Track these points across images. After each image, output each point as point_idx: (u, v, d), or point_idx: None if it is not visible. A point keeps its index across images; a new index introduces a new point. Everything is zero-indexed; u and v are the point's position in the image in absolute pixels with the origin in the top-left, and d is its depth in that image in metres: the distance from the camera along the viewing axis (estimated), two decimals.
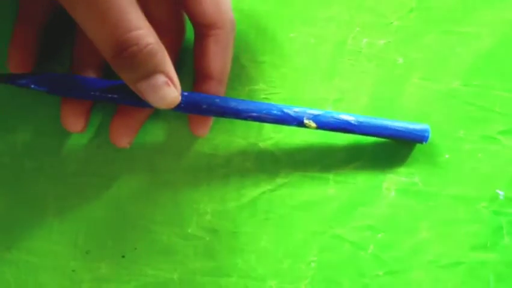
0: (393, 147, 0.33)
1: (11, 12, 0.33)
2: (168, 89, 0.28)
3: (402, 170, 0.33)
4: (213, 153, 0.33)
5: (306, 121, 0.31)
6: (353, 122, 0.31)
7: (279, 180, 0.33)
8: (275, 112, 0.31)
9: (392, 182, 0.33)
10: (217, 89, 0.32)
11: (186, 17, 0.32)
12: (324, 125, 0.31)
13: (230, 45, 0.32)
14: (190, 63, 0.33)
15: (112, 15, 0.25)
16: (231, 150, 0.33)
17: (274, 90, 0.34)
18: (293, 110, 0.31)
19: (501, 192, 0.33)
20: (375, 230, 0.33)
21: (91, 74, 0.31)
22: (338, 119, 0.31)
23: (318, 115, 0.31)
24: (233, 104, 0.31)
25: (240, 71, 0.34)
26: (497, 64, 0.34)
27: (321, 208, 0.33)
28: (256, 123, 0.33)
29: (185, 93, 0.30)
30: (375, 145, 0.33)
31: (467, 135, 0.33)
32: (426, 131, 0.32)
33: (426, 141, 0.32)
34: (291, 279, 0.33)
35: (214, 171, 0.33)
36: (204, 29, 0.31)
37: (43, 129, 0.33)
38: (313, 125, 0.31)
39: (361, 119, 0.31)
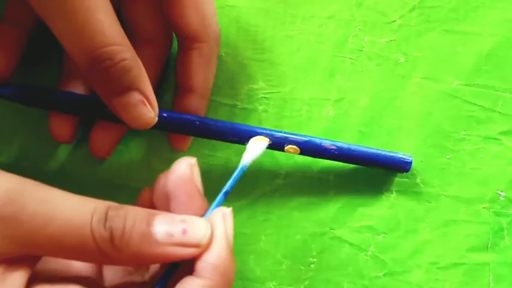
0: (394, 148, 0.33)
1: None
2: (144, 108, 0.27)
3: None
4: (212, 153, 0.33)
5: (287, 147, 0.30)
6: (334, 150, 0.31)
7: (279, 181, 0.33)
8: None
9: (393, 183, 0.33)
10: (198, 102, 0.31)
11: None
12: (306, 151, 0.31)
13: (213, 59, 0.32)
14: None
15: (88, 28, 0.25)
16: (230, 151, 0.33)
17: (274, 89, 0.33)
18: (275, 136, 0.30)
19: (502, 193, 0.33)
20: (375, 231, 0.33)
21: (79, 85, 0.31)
22: (320, 146, 0.31)
23: (300, 141, 0.31)
24: (213, 128, 0.30)
25: (239, 70, 0.34)
26: (499, 64, 0.33)
27: (321, 209, 0.33)
28: (256, 124, 0.33)
29: (165, 114, 0.30)
30: (375, 146, 0.33)
31: (469, 135, 0.33)
32: (409, 162, 0.31)
33: (408, 170, 0.32)
34: (290, 280, 0.32)
35: (213, 172, 0.33)
36: (187, 41, 0.31)
37: (40, 131, 0.33)
38: (296, 149, 0.31)
39: (344, 147, 0.31)
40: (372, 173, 0.33)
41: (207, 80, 0.32)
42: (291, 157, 0.33)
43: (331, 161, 0.33)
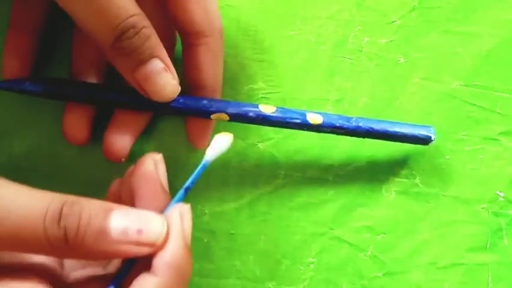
0: (393, 148, 0.33)
1: (5, 21, 0.32)
2: (167, 76, 0.28)
3: (402, 171, 0.33)
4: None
5: (309, 116, 0.30)
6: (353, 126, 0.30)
7: (278, 182, 0.33)
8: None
9: (392, 183, 0.33)
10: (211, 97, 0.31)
11: None
12: (329, 123, 0.30)
13: (220, 53, 0.31)
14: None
15: (111, 5, 0.26)
16: (230, 151, 0.32)
17: (273, 89, 0.33)
18: (295, 110, 0.30)
19: (501, 194, 0.33)
20: (374, 231, 0.33)
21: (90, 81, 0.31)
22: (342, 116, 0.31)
23: (322, 113, 0.30)
24: (233, 110, 0.30)
25: (238, 70, 0.33)
26: (498, 65, 0.34)
27: (321, 209, 0.33)
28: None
29: (181, 100, 0.30)
30: (375, 146, 0.33)
31: (468, 136, 0.33)
32: (430, 132, 0.31)
33: (429, 141, 0.31)
34: (290, 280, 0.32)
35: (212, 172, 0.33)
36: (192, 38, 0.30)
37: (42, 132, 0.33)
38: (319, 119, 0.30)
39: (362, 120, 0.31)
40: (372, 173, 0.33)
41: (217, 74, 0.31)
42: (291, 157, 0.33)
43: (330, 161, 0.33)
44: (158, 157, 0.27)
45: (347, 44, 0.34)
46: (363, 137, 0.31)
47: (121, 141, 0.31)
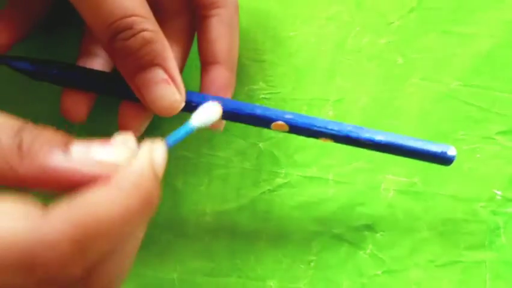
0: None
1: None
2: (167, 88, 0.26)
3: (401, 170, 0.33)
4: (212, 153, 0.33)
5: (321, 139, 0.29)
6: (370, 144, 0.29)
7: (279, 181, 0.33)
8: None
9: (391, 182, 0.33)
10: (226, 75, 0.29)
11: None
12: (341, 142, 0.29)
13: (235, 26, 0.30)
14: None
15: (107, 3, 0.24)
16: (231, 150, 0.33)
17: (274, 89, 0.34)
18: (311, 129, 0.28)
19: (499, 192, 0.33)
20: (374, 230, 0.33)
21: (97, 67, 0.29)
22: (357, 140, 0.29)
23: (337, 136, 0.28)
24: (246, 116, 0.28)
25: (239, 70, 0.33)
26: (497, 65, 0.34)
27: (321, 208, 0.33)
28: None
29: (194, 104, 0.28)
30: None
31: (466, 135, 0.33)
32: (451, 157, 0.29)
33: (450, 163, 0.29)
34: (290, 279, 0.33)
35: (213, 172, 0.33)
36: (205, 9, 0.29)
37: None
38: (330, 140, 0.29)
39: (382, 141, 0.29)
40: (371, 172, 0.33)
41: (231, 49, 0.29)
42: (291, 156, 0.33)
43: (330, 160, 0.33)
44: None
45: (347, 44, 0.34)
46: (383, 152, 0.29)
47: (136, 116, 0.29)
